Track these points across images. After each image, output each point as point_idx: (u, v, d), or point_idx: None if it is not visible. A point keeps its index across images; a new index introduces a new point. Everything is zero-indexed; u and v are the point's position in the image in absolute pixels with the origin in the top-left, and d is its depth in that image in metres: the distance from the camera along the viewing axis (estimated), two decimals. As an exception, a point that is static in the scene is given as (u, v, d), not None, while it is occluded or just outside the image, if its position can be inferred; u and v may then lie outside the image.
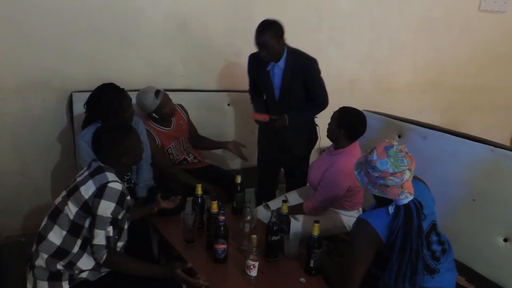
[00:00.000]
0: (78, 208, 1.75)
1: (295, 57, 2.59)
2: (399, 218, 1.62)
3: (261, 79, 2.73)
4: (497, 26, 4.46)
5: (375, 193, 1.68)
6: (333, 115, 2.38)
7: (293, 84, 2.62)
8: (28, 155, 2.91)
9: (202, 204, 2.23)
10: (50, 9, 2.74)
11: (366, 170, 1.67)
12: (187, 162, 2.89)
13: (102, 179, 1.76)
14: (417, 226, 1.62)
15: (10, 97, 2.77)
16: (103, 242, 1.73)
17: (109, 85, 2.38)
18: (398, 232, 1.62)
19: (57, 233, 1.77)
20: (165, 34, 3.13)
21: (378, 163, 1.62)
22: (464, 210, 2.34)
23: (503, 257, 2.16)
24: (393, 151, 1.62)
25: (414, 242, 1.61)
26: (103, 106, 2.30)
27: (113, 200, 1.72)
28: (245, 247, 2.06)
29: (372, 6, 3.87)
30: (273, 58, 2.55)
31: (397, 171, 1.60)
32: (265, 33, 2.43)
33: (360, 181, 1.72)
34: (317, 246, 1.88)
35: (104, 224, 1.72)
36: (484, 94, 4.65)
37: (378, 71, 4.11)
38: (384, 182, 1.63)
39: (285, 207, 2.13)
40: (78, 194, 1.75)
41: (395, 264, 1.63)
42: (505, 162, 2.23)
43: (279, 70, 2.61)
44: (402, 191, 1.63)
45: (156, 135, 2.73)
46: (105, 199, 1.71)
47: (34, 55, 2.77)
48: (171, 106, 2.73)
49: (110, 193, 1.72)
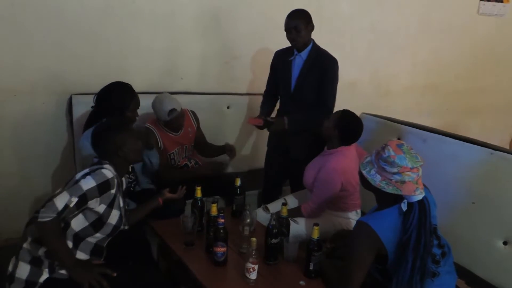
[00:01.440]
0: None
1: (318, 52, 2.67)
2: (414, 215, 1.61)
3: (281, 70, 2.78)
4: (496, 29, 4.48)
5: (388, 190, 1.64)
6: (334, 114, 2.40)
7: (310, 77, 2.65)
8: (28, 158, 2.91)
9: (201, 207, 2.23)
10: (50, 11, 2.74)
11: (380, 167, 1.65)
12: (188, 167, 2.90)
13: (97, 166, 1.81)
14: (429, 223, 1.63)
15: (10, 100, 2.76)
16: (58, 205, 1.67)
17: (123, 83, 2.45)
18: (413, 228, 1.61)
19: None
20: (165, 37, 3.13)
21: (397, 158, 1.61)
22: (463, 213, 2.34)
23: (503, 260, 2.16)
24: (406, 148, 1.65)
25: (425, 237, 1.61)
26: (112, 100, 2.37)
27: (96, 181, 1.74)
28: (245, 250, 2.06)
29: (371, 9, 3.88)
30: (299, 42, 2.61)
31: (415, 166, 1.62)
32: (296, 16, 2.58)
33: (371, 180, 1.67)
34: (316, 249, 1.88)
35: (74, 192, 1.70)
36: (483, 97, 4.66)
37: (378, 74, 4.11)
38: (401, 178, 1.62)
39: (285, 210, 2.13)
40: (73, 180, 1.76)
41: (409, 262, 1.60)
42: (505, 165, 2.23)
43: (300, 60, 2.68)
44: (417, 187, 1.63)
45: (160, 139, 2.74)
46: (91, 176, 1.74)
47: (34, 57, 2.77)
48: (180, 123, 2.78)
49: (99, 174, 1.76)
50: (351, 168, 2.29)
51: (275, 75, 2.87)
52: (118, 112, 2.37)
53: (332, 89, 2.67)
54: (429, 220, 1.63)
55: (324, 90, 2.65)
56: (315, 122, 2.51)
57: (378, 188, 1.66)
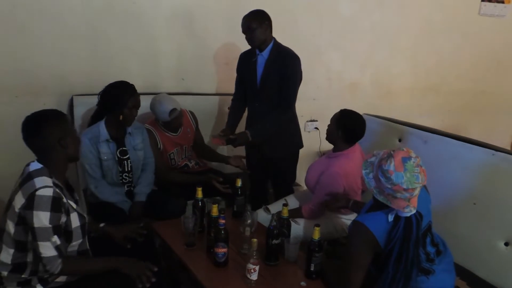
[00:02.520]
0: (14, 224, 1.63)
1: (278, 49, 2.69)
2: (399, 228, 1.60)
3: (247, 71, 2.81)
4: (497, 30, 4.47)
5: (379, 199, 1.64)
6: (333, 116, 2.39)
7: (272, 75, 2.68)
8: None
9: (202, 208, 2.23)
10: (51, 13, 2.75)
11: (377, 176, 1.62)
12: (188, 167, 2.90)
13: (29, 188, 1.61)
14: (416, 237, 1.61)
15: (11, 101, 2.77)
16: (54, 253, 1.62)
17: (126, 82, 2.48)
18: (396, 241, 1.60)
19: (6, 252, 1.68)
20: (166, 38, 3.14)
21: (394, 175, 1.56)
22: (465, 214, 2.33)
23: (504, 261, 2.15)
24: (410, 165, 1.57)
25: (410, 252, 1.60)
26: (111, 96, 2.40)
27: (46, 209, 1.58)
28: (246, 250, 2.06)
29: (372, 10, 3.88)
30: (256, 41, 2.64)
31: (410, 187, 1.56)
32: (249, 17, 2.62)
33: (367, 183, 1.67)
34: (317, 249, 1.88)
35: (47, 235, 1.60)
36: (484, 98, 4.65)
37: (379, 75, 4.11)
38: (393, 193, 1.59)
39: (285, 211, 2.12)
40: (12, 208, 1.64)
41: (390, 273, 1.62)
42: (506, 166, 2.23)
43: (262, 60, 2.71)
44: (408, 204, 1.59)
45: (160, 139, 2.75)
46: (36, 209, 1.57)
47: (35, 58, 2.77)
48: (180, 122, 2.79)
49: (40, 201, 1.58)
50: (354, 172, 2.27)
51: (241, 77, 2.91)
52: (116, 108, 2.40)
53: (293, 84, 2.69)
54: (416, 235, 1.61)
55: (286, 86, 2.67)
56: (277, 124, 2.68)
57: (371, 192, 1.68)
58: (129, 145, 2.52)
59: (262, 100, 2.75)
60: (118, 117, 2.42)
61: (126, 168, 2.53)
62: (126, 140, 2.52)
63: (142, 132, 2.62)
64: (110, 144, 2.45)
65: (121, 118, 2.42)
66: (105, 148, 2.45)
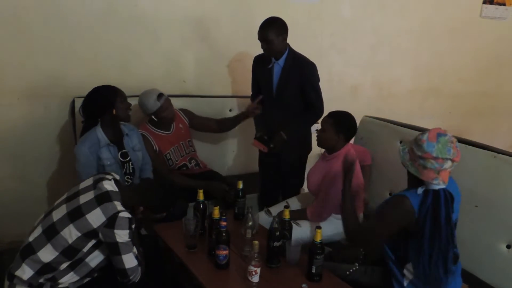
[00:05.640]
0: (81, 234, 1.74)
1: (294, 58, 2.69)
2: (427, 201, 1.65)
3: (262, 77, 2.82)
4: (498, 33, 4.47)
5: (411, 171, 1.72)
6: (324, 123, 2.37)
7: (289, 83, 2.69)
8: (30, 161, 2.92)
9: (203, 210, 2.23)
10: (53, 15, 2.76)
11: (411, 147, 1.71)
12: (187, 168, 2.89)
13: (111, 209, 1.76)
14: (446, 215, 1.65)
15: (13, 103, 2.77)
16: (135, 263, 1.80)
17: (99, 86, 2.43)
18: (426, 218, 1.64)
19: (49, 252, 1.74)
20: (168, 40, 3.14)
21: (425, 144, 1.65)
22: (466, 217, 2.31)
23: (506, 264, 2.15)
24: (444, 139, 1.67)
25: (443, 231, 1.64)
26: (96, 100, 2.37)
27: (125, 228, 1.76)
28: (247, 253, 2.06)
29: (373, 13, 3.88)
30: (272, 52, 2.64)
31: (440, 157, 1.64)
32: (266, 28, 2.58)
33: (402, 157, 1.75)
34: (319, 252, 1.88)
35: (129, 248, 1.78)
36: (486, 100, 4.65)
37: (380, 77, 4.11)
38: (423, 163, 1.66)
39: (287, 213, 2.12)
40: (84, 221, 1.74)
41: (426, 253, 1.65)
42: (508, 168, 2.22)
43: (278, 68, 2.71)
44: (437, 176, 1.65)
45: (154, 141, 2.75)
46: (117, 228, 1.74)
47: (37, 61, 2.78)
48: (171, 110, 2.76)
49: (122, 222, 1.75)
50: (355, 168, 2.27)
51: (257, 80, 2.92)
52: (107, 107, 2.35)
53: (316, 93, 2.71)
54: (445, 213, 1.65)
55: (309, 96, 2.70)
56: (310, 125, 2.77)
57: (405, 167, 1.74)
58: (128, 147, 2.51)
59: (278, 107, 2.75)
60: (112, 114, 2.37)
61: (128, 170, 2.52)
62: (124, 142, 2.51)
63: (137, 133, 2.60)
64: (111, 148, 2.43)
65: (114, 113, 2.36)
66: (107, 153, 2.40)
